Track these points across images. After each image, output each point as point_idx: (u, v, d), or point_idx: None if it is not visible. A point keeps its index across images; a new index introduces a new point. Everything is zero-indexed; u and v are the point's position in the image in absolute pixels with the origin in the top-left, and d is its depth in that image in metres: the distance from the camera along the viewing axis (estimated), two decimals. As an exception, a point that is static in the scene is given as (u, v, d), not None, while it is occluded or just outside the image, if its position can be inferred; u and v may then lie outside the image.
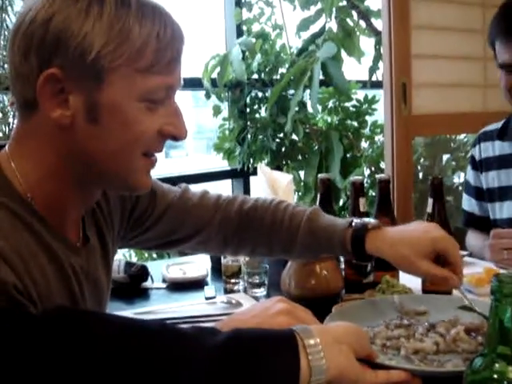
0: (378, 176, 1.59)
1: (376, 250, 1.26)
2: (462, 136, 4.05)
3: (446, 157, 4.27)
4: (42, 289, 0.89)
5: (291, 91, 3.58)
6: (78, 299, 0.99)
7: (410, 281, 1.54)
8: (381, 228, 1.28)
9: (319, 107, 3.72)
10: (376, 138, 3.96)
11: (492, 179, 1.98)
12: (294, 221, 1.32)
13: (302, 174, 3.86)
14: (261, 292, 1.61)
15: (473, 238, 2.03)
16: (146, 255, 3.45)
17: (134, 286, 1.68)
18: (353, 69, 3.80)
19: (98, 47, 0.87)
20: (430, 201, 1.49)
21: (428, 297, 1.37)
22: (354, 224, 1.28)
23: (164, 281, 1.75)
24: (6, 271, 0.81)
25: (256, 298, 1.58)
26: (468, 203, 2.10)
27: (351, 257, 1.31)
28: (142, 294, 1.67)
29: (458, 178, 4.13)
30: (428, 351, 1.09)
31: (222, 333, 0.82)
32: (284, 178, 2.03)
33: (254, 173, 3.64)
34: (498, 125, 2.02)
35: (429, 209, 1.49)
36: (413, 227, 1.29)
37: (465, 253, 1.87)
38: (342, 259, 1.64)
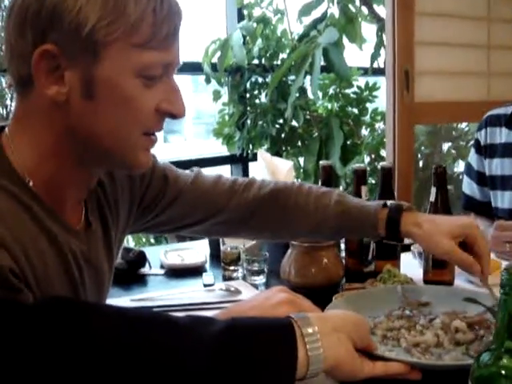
0: (380, 164, 1.57)
1: (409, 230, 1.26)
2: (464, 125, 4.02)
3: (446, 145, 4.25)
4: (40, 273, 0.87)
5: (292, 77, 3.56)
6: (77, 284, 0.97)
7: (412, 271, 1.53)
8: (413, 210, 1.29)
9: (320, 93, 3.69)
10: (376, 126, 3.93)
11: (495, 167, 1.94)
12: (321, 202, 1.30)
13: (301, 160, 3.84)
14: (260, 280, 1.59)
15: None
16: (144, 240, 3.43)
17: (132, 272, 1.66)
18: (354, 55, 3.76)
19: (92, 21, 0.85)
20: (433, 190, 1.47)
21: (431, 288, 1.35)
22: (389, 204, 1.28)
23: (162, 267, 1.73)
24: (2, 255, 0.80)
25: (255, 286, 1.56)
26: (469, 187, 2.06)
27: (381, 237, 1.30)
28: (140, 280, 1.65)
29: (458, 167, 4.11)
30: (428, 344, 1.07)
31: (218, 322, 0.81)
32: (284, 165, 2.00)
33: (254, 159, 3.62)
34: (506, 109, 1.96)
35: (432, 198, 1.47)
36: (446, 216, 1.32)
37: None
38: (342, 247, 1.63)
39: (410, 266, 1.58)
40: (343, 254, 1.60)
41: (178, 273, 1.69)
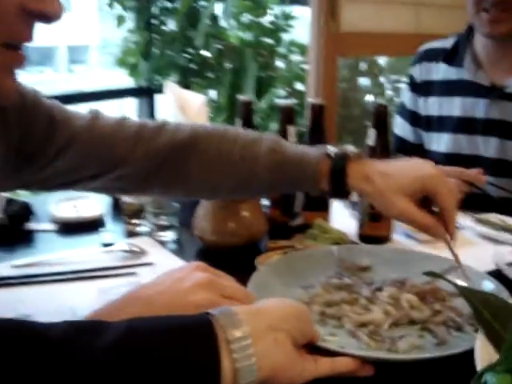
0: (310, 100, 1.36)
1: (357, 185, 1.03)
2: (383, 60, 3.87)
3: (362, 80, 4.10)
4: None
5: (203, 3, 3.34)
6: None
7: (343, 222, 1.34)
8: (362, 158, 1.05)
9: (233, 22, 3.47)
10: (293, 58, 3.73)
11: (432, 106, 1.75)
12: (250, 151, 1.05)
13: (212, 93, 3.64)
14: (169, 236, 1.35)
15: None
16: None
17: (14, 229, 1.39)
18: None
19: None
20: (372, 132, 1.26)
21: (370, 248, 1.16)
22: (332, 154, 1.04)
23: (53, 221, 1.47)
24: None
25: (163, 243, 1.33)
26: (401, 128, 1.87)
27: (324, 193, 1.07)
28: (25, 239, 1.37)
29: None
30: (377, 323, 0.89)
31: (109, 329, 0.58)
32: (196, 99, 1.77)
33: (161, 91, 3.39)
34: (444, 43, 1.76)
35: (370, 141, 1.27)
36: (402, 162, 1.07)
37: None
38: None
39: (341, 216, 1.39)
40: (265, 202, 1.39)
41: (72, 228, 1.42)
